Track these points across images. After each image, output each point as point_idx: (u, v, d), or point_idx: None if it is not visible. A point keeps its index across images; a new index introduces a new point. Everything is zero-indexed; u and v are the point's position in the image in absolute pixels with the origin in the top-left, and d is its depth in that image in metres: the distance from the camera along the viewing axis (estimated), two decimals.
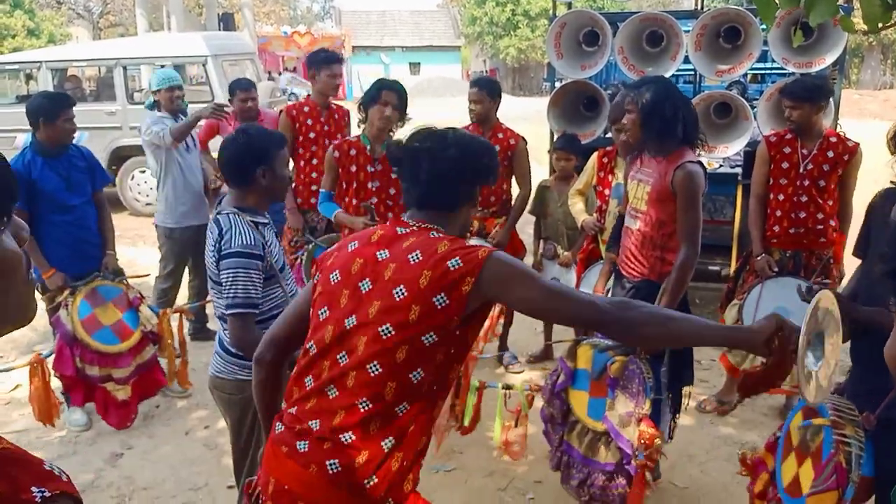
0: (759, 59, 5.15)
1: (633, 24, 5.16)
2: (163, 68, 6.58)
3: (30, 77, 10.85)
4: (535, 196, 4.96)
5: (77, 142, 4.37)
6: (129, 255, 6.40)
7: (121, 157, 9.62)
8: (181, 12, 18.77)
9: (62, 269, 4.09)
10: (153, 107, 5.14)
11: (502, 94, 4.90)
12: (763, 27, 4.86)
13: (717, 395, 4.51)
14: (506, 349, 5.02)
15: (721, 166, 5.78)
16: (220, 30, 17.69)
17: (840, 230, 4.17)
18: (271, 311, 2.61)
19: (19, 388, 4.70)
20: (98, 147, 8.34)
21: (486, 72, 34.59)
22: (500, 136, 4.77)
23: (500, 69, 36.81)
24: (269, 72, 21.45)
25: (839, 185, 4.12)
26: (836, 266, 4.18)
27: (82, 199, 4.22)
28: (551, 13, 6.06)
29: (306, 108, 4.96)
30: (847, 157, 4.05)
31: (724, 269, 5.22)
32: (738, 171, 5.52)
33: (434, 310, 1.75)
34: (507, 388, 3.40)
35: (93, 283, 4.13)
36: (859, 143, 4.11)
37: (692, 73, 5.82)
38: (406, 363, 1.77)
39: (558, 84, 5.68)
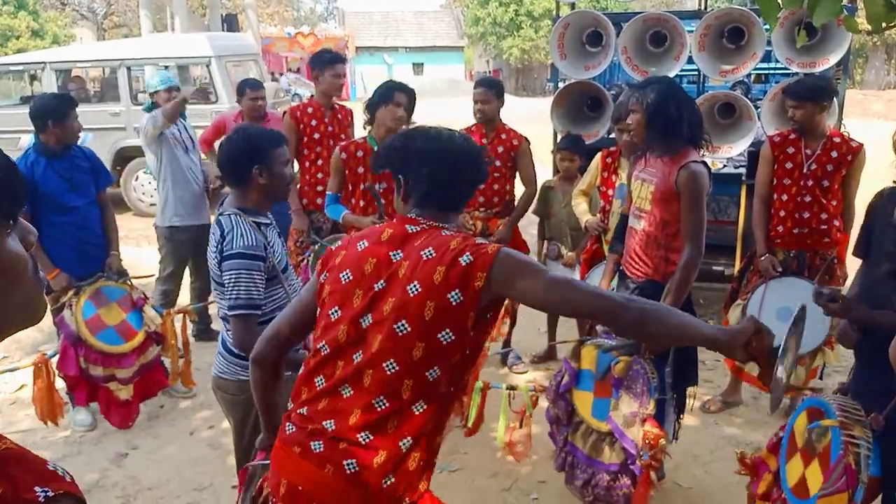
0: (762, 60, 5.15)
1: (636, 24, 5.16)
2: (166, 69, 6.60)
3: (34, 78, 10.87)
4: (538, 196, 4.96)
5: (81, 143, 4.38)
6: (133, 256, 6.41)
7: (125, 157, 9.64)
8: (185, 13, 18.82)
9: (65, 269, 4.10)
10: (151, 109, 5.16)
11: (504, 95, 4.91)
12: (767, 27, 4.85)
13: (721, 395, 4.51)
14: (509, 346, 5.01)
15: (725, 166, 5.77)
16: (223, 31, 17.75)
17: (844, 230, 4.16)
18: (273, 311, 2.61)
19: (24, 388, 4.72)
20: (102, 148, 8.36)
21: (490, 72, 34.59)
22: (503, 136, 4.78)
23: (504, 70, 36.80)
24: (272, 73, 21.46)
25: (843, 185, 4.11)
26: (840, 266, 4.17)
27: (85, 200, 4.23)
28: (555, 14, 6.06)
29: (310, 109, 4.96)
30: (851, 158, 4.04)
31: (728, 269, 5.21)
32: (742, 171, 5.51)
33: (449, 306, 1.76)
34: (511, 388, 3.40)
35: (97, 283, 4.14)
36: (863, 144, 4.10)
37: (696, 73, 5.81)
38: (422, 361, 1.77)
39: (562, 84, 5.68)
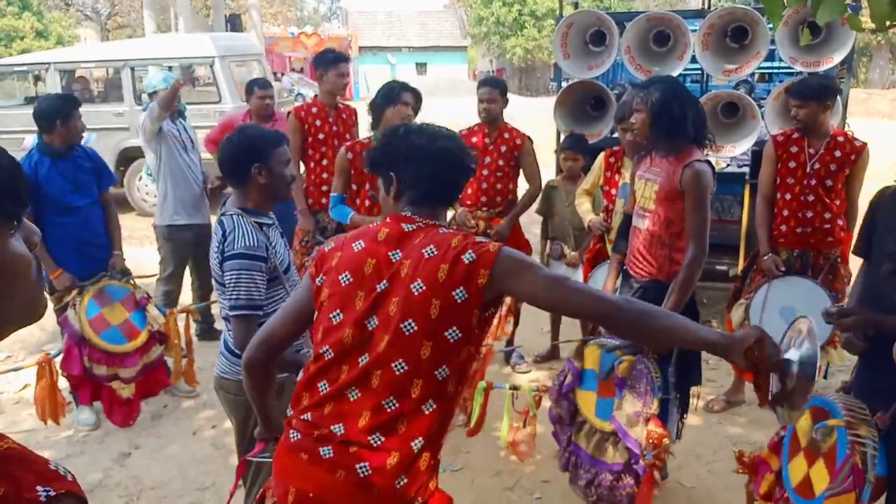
0: (766, 59, 5.14)
1: (639, 23, 5.15)
2: (170, 70, 6.61)
3: (38, 78, 10.89)
4: (542, 196, 4.96)
5: (85, 143, 4.40)
6: (136, 256, 6.41)
7: (128, 157, 9.65)
8: (188, 13, 18.85)
9: (68, 269, 4.11)
10: None
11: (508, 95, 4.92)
12: (770, 26, 4.84)
13: (724, 394, 4.50)
14: (512, 345, 5.00)
15: (728, 166, 5.77)
16: (227, 31, 17.75)
17: (847, 230, 4.15)
18: (275, 312, 2.61)
19: (28, 387, 4.72)
20: (106, 148, 8.37)
21: (493, 72, 34.55)
22: (506, 135, 4.78)
23: (507, 69, 36.77)
24: (274, 73, 21.49)
25: (846, 184, 4.10)
26: (844, 265, 4.17)
27: (88, 200, 4.24)
28: (558, 13, 6.06)
29: (314, 109, 4.96)
30: (854, 157, 4.03)
31: (732, 268, 5.20)
32: (746, 170, 5.50)
33: (454, 304, 1.76)
34: (514, 388, 3.39)
35: (100, 282, 4.15)
36: (866, 143, 4.09)
37: (699, 72, 5.79)
38: (431, 360, 1.77)
39: (565, 84, 5.68)
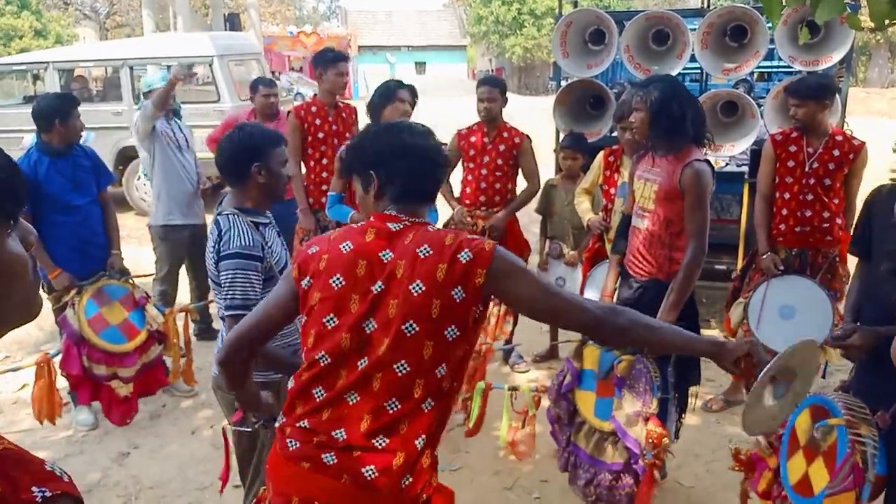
0: (765, 58, 5.13)
1: (639, 22, 5.15)
2: (168, 69, 6.58)
3: (37, 77, 10.88)
4: (541, 195, 4.96)
5: (84, 142, 4.39)
6: (135, 255, 6.40)
7: (127, 157, 9.64)
8: (187, 13, 18.83)
9: (67, 269, 4.11)
10: None
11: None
12: (769, 25, 4.83)
13: (723, 394, 4.50)
14: (511, 343, 4.99)
15: (727, 165, 5.76)
16: (226, 30, 17.75)
17: (846, 229, 4.15)
18: None
19: (26, 387, 4.72)
20: (104, 147, 8.35)
21: (492, 71, 34.52)
22: (504, 134, 4.78)
23: (506, 68, 36.75)
24: (273, 72, 21.49)
25: (845, 183, 4.10)
26: (842, 264, 4.17)
27: (87, 199, 4.24)
28: (557, 12, 6.06)
29: (314, 108, 4.95)
30: (853, 156, 4.03)
31: (731, 267, 5.20)
32: (745, 169, 5.50)
33: (454, 303, 1.77)
34: (512, 389, 3.39)
35: (99, 282, 4.15)
36: (865, 143, 4.09)
37: (698, 71, 5.79)
38: (432, 359, 1.78)
39: (564, 83, 5.67)
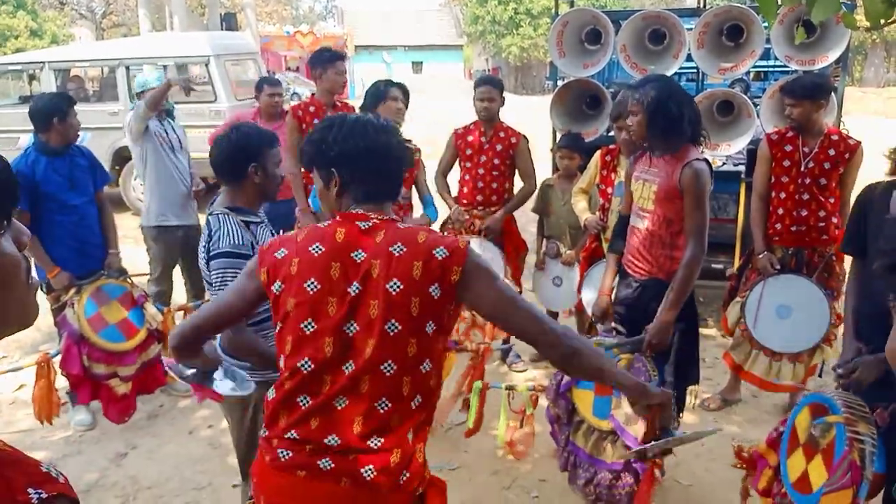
0: (761, 57, 5.15)
1: (635, 22, 5.15)
2: (164, 69, 6.58)
3: (33, 78, 10.85)
4: (538, 194, 4.97)
5: (80, 142, 4.38)
6: (131, 255, 6.39)
7: (123, 157, 9.59)
8: (184, 12, 18.81)
9: (65, 268, 4.10)
10: None
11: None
12: (766, 24, 4.85)
13: (721, 392, 4.52)
14: (509, 343, 4.99)
15: (724, 164, 5.77)
16: (222, 29, 17.70)
17: (842, 227, 4.16)
18: (262, 311, 2.60)
19: (24, 387, 4.72)
20: (100, 147, 8.35)
21: (489, 70, 34.54)
22: (501, 134, 4.78)
23: (503, 68, 36.77)
24: (269, 71, 21.47)
25: (840, 182, 4.11)
26: (839, 263, 4.18)
27: (84, 199, 4.24)
28: (553, 11, 6.06)
29: (312, 108, 4.94)
30: (848, 156, 4.04)
31: (728, 267, 5.21)
32: (742, 168, 5.51)
33: (432, 300, 1.77)
34: (510, 388, 3.39)
35: (98, 281, 4.15)
36: (860, 142, 4.10)
37: (695, 70, 5.81)
38: (417, 356, 1.79)
39: (561, 82, 5.67)
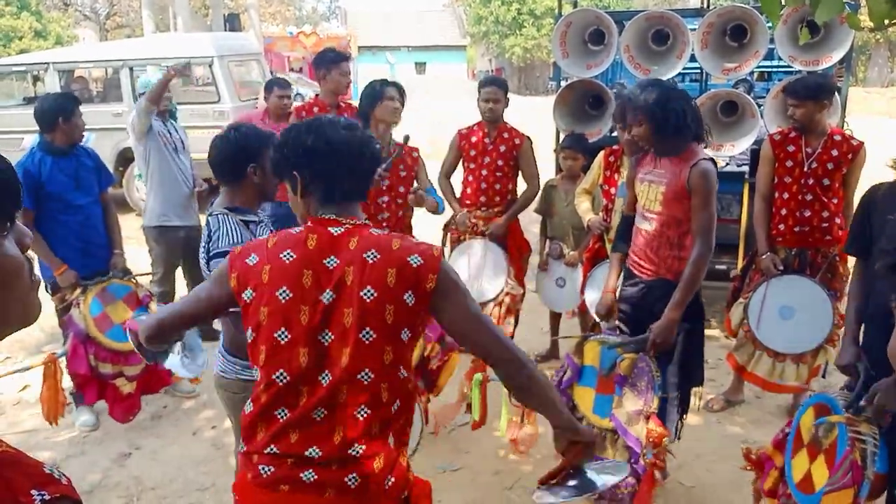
0: (765, 57, 5.14)
1: (638, 22, 5.15)
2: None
3: (37, 79, 10.89)
4: (541, 195, 4.96)
5: (84, 143, 4.40)
6: (135, 256, 6.41)
7: (127, 158, 9.60)
8: (187, 13, 18.85)
9: (71, 268, 4.11)
10: None
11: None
12: (769, 25, 4.84)
13: (724, 394, 4.51)
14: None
15: (728, 164, 5.77)
16: (225, 30, 17.73)
17: (845, 228, 4.16)
18: None
19: (28, 388, 4.73)
20: (104, 148, 8.35)
21: (492, 71, 34.54)
22: (505, 135, 4.78)
23: (506, 68, 36.75)
24: (272, 72, 21.49)
25: (843, 183, 4.11)
26: (842, 264, 4.17)
27: (90, 199, 4.25)
28: (557, 12, 6.07)
29: (316, 109, 4.95)
30: (851, 156, 4.03)
31: (731, 267, 5.20)
32: (745, 169, 5.51)
33: (406, 307, 1.75)
34: None
35: (103, 281, 4.16)
36: (863, 142, 4.09)
37: (698, 71, 5.80)
38: (393, 363, 1.77)
39: (564, 83, 5.67)
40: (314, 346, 1.76)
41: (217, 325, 5.17)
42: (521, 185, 4.90)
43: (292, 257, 1.80)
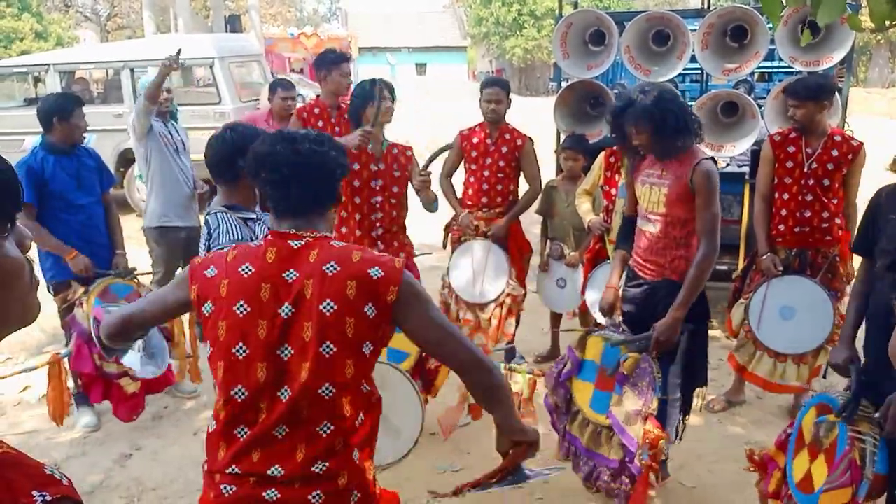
0: (766, 58, 5.14)
1: (639, 23, 5.15)
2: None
3: (38, 80, 10.89)
4: (542, 196, 4.96)
5: (85, 144, 4.40)
6: (136, 256, 6.42)
7: (128, 159, 9.61)
8: (188, 15, 18.87)
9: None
10: None
11: None
12: (770, 26, 4.84)
13: (725, 394, 4.51)
14: (513, 343, 4.99)
15: (728, 165, 5.77)
16: (226, 31, 17.74)
17: (846, 228, 4.16)
18: None
19: (29, 389, 4.73)
20: (105, 149, 8.36)
21: (493, 72, 34.55)
22: (507, 136, 4.78)
23: (507, 69, 36.75)
24: (273, 73, 21.51)
25: (843, 183, 4.11)
26: (843, 264, 4.17)
27: (92, 199, 4.27)
28: (557, 13, 6.06)
29: (316, 110, 4.95)
30: (851, 157, 4.03)
31: (732, 268, 5.21)
32: (746, 169, 5.51)
33: (367, 320, 1.74)
34: (510, 369, 3.36)
35: (105, 281, 4.16)
36: (863, 143, 4.09)
37: (699, 72, 5.80)
38: (355, 377, 1.76)
39: (565, 84, 5.68)
40: (272, 361, 1.74)
41: None
42: (523, 186, 4.90)
43: (251, 271, 1.78)
